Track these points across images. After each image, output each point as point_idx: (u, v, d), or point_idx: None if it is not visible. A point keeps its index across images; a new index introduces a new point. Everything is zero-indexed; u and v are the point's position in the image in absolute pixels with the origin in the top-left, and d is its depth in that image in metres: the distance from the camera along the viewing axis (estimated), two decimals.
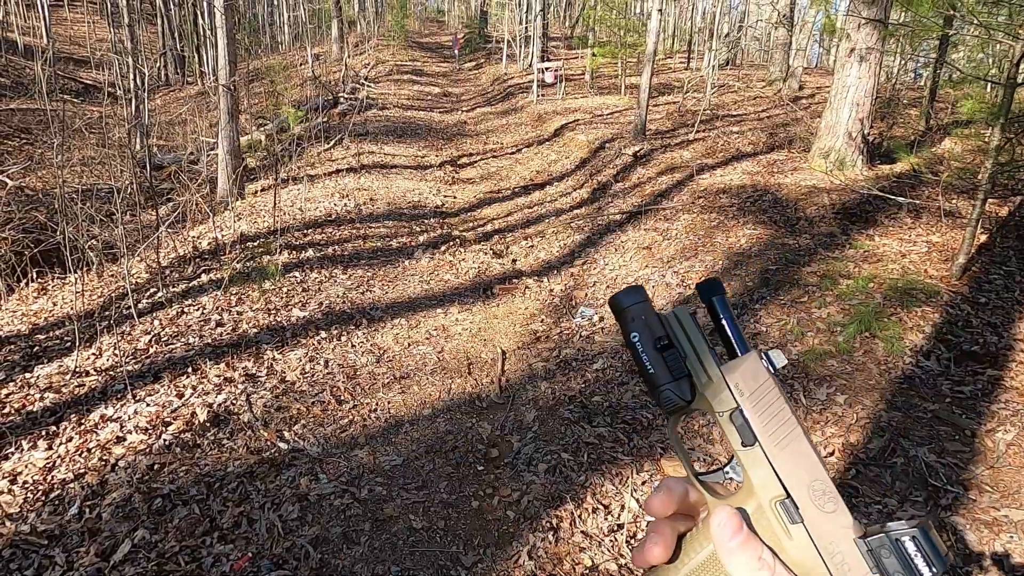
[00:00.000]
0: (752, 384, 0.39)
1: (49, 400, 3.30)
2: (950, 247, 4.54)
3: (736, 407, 0.39)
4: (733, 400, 0.39)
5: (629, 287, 0.43)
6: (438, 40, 29.45)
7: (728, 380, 0.39)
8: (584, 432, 3.16)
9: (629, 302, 0.42)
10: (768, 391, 0.38)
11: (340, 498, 2.69)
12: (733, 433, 0.39)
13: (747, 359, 0.39)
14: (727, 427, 0.39)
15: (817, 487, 0.36)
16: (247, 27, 18.98)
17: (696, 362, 0.41)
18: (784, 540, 0.36)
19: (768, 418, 0.38)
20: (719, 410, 0.39)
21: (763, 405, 0.38)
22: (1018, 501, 2.42)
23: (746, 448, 0.38)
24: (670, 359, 0.40)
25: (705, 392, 0.40)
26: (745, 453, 0.38)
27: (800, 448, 0.37)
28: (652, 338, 0.41)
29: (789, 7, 12.48)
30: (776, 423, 0.37)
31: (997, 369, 3.24)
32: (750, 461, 0.38)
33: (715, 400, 0.39)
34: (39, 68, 5.53)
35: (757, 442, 0.38)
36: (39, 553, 2.31)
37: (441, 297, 5.01)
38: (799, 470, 0.36)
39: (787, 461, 0.37)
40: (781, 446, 0.37)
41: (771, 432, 0.37)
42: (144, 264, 5.11)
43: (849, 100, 6.35)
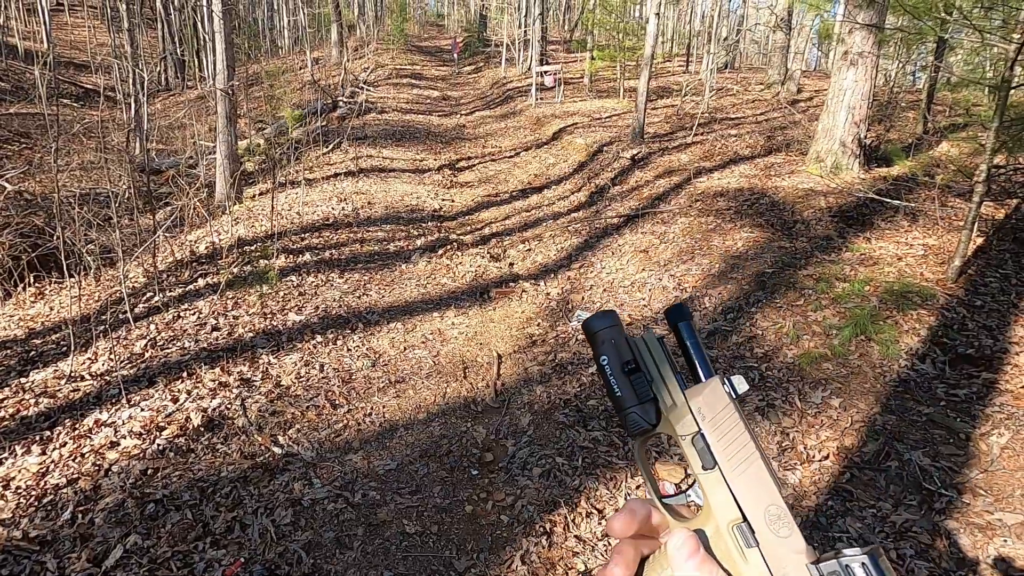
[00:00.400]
0: (713, 409, 0.39)
1: (44, 405, 3.30)
2: (946, 250, 4.53)
3: (698, 431, 0.39)
4: (695, 424, 0.40)
5: (602, 311, 0.44)
6: (437, 44, 29.53)
7: (691, 404, 0.40)
8: (579, 436, 3.16)
9: (600, 326, 0.43)
10: (728, 416, 0.39)
11: (333, 503, 2.69)
12: (695, 456, 0.39)
13: (709, 384, 0.40)
14: (689, 451, 0.40)
15: (773, 512, 0.37)
16: (247, 31, 19.05)
17: (661, 386, 0.42)
18: (740, 564, 0.37)
19: (728, 443, 0.38)
20: (682, 434, 0.40)
21: (723, 430, 0.39)
22: (1012, 505, 2.41)
23: (706, 472, 0.39)
24: (637, 383, 0.41)
25: (669, 416, 0.41)
26: (705, 476, 0.39)
27: (758, 473, 0.37)
28: (620, 361, 0.42)
29: (787, 11, 12.51)
30: (735, 448, 0.38)
31: (992, 372, 3.24)
32: (710, 484, 0.39)
33: (678, 424, 0.40)
34: (39, 72, 5.55)
35: (716, 466, 0.38)
36: (31, 559, 2.30)
37: (438, 301, 5.01)
38: (756, 495, 0.37)
39: (744, 485, 0.37)
40: (739, 471, 0.38)
41: (730, 456, 0.38)
42: (141, 268, 5.12)
43: (845, 103, 6.37)
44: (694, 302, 4.49)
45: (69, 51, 21.51)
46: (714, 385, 0.40)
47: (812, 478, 2.73)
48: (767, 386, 3.38)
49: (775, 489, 0.37)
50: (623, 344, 0.42)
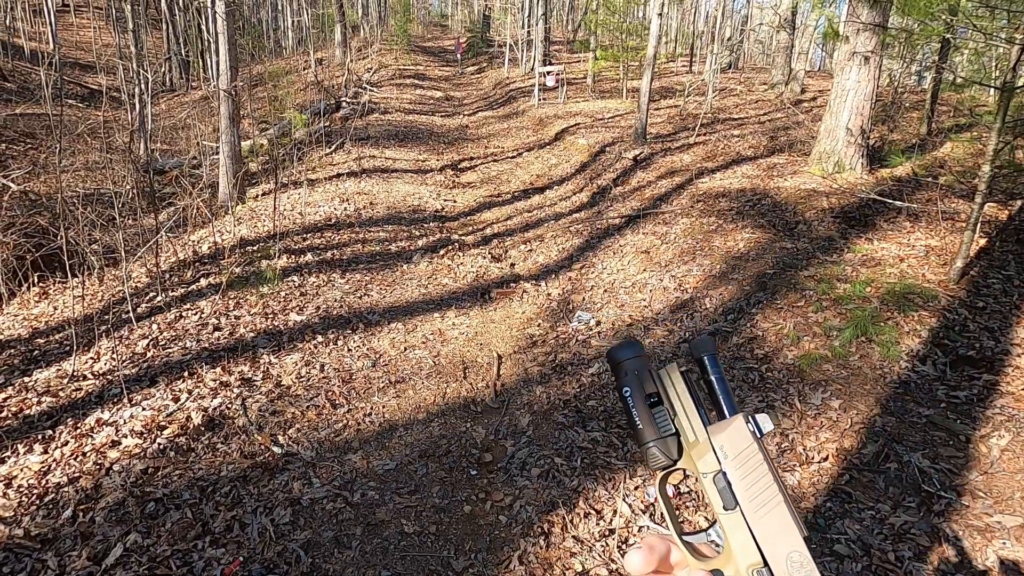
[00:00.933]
0: (737, 448, 0.39)
1: (46, 404, 3.32)
2: (949, 251, 4.52)
3: (720, 469, 0.39)
4: (717, 462, 0.39)
5: (627, 341, 0.43)
6: (441, 44, 29.57)
7: (713, 442, 0.39)
8: (578, 437, 3.16)
9: (624, 356, 0.42)
10: (752, 456, 0.38)
11: (332, 502, 2.70)
12: (715, 496, 0.39)
13: (733, 422, 0.40)
14: (710, 489, 0.39)
15: (795, 559, 0.36)
16: (251, 32, 19.11)
17: (684, 421, 0.41)
18: None
19: (750, 483, 0.38)
20: (703, 471, 0.39)
21: (746, 470, 0.38)
22: (1012, 507, 2.40)
23: (727, 512, 0.38)
24: (659, 416, 0.41)
25: (691, 452, 0.40)
26: (726, 517, 0.38)
27: (781, 517, 0.37)
28: (643, 394, 0.41)
29: (791, 11, 12.47)
30: (758, 489, 0.37)
31: (993, 374, 3.22)
32: (731, 525, 0.38)
33: (700, 461, 0.40)
34: (44, 73, 5.58)
35: (738, 507, 0.38)
36: (32, 557, 2.32)
37: (439, 301, 5.02)
38: (778, 539, 0.36)
39: (767, 529, 0.37)
40: (761, 513, 0.37)
41: (752, 498, 0.37)
42: (144, 268, 5.14)
43: (848, 104, 6.34)
44: (695, 302, 4.48)
45: (74, 52, 21.63)
46: (738, 423, 0.39)
47: (811, 479, 2.73)
48: (767, 387, 3.37)
49: (798, 535, 0.36)
50: (647, 376, 0.41)
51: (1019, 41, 3.78)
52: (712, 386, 0.42)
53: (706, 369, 0.43)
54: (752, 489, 0.37)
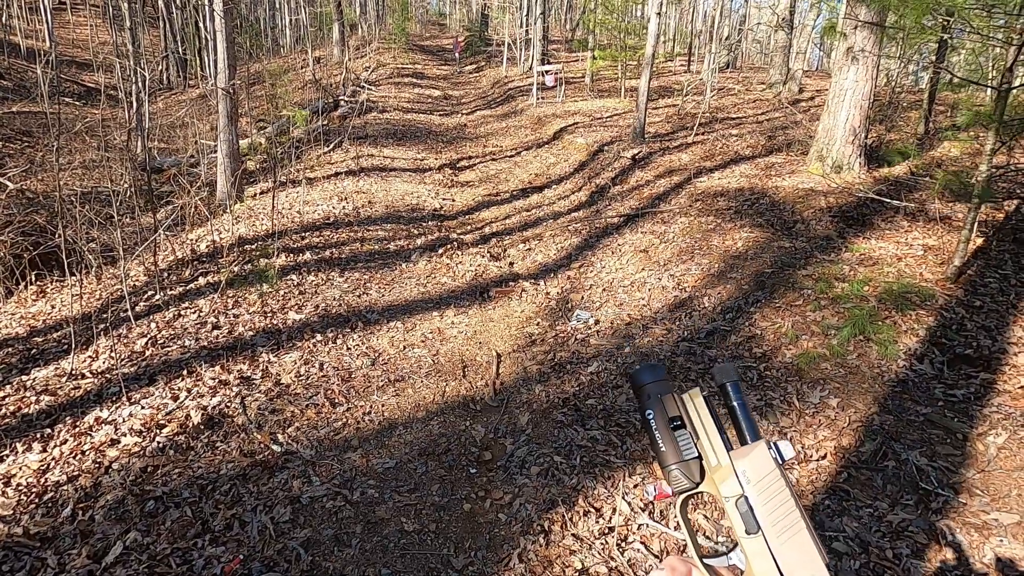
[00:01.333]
0: (759, 473, 0.39)
1: (45, 403, 3.32)
2: (946, 250, 4.53)
3: (742, 494, 0.39)
4: (739, 487, 0.40)
5: (649, 364, 0.44)
6: (439, 43, 29.54)
7: (736, 467, 0.40)
8: (577, 435, 3.17)
9: (647, 380, 0.43)
10: (774, 482, 0.39)
11: (332, 500, 2.70)
12: (738, 520, 0.39)
13: (756, 448, 0.40)
14: (732, 513, 0.39)
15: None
16: (249, 30, 19.06)
17: (707, 445, 0.42)
18: None
19: (772, 509, 0.38)
20: (725, 495, 0.40)
21: (768, 495, 0.39)
22: (1008, 505, 2.42)
23: (749, 536, 0.38)
24: (681, 440, 0.41)
25: (713, 476, 0.41)
26: (748, 541, 0.38)
27: (803, 543, 0.37)
28: (666, 417, 0.42)
29: (789, 10, 12.50)
30: (780, 515, 0.38)
31: (990, 373, 3.24)
32: (752, 550, 0.38)
33: (722, 485, 0.40)
34: (41, 71, 5.56)
35: (760, 531, 0.38)
36: (31, 555, 2.32)
37: (437, 300, 5.02)
38: (801, 565, 0.36)
39: (789, 554, 0.37)
40: (783, 539, 0.37)
41: (775, 523, 0.38)
42: (142, 267, 5.13)
43: (846, 103, 6.36)
44: (693, 301, 4.49)
45: (71, 50, 21.55)
46: (760, 449, 0.40)
47: (809, 477, 2.74)
48: (765, 386, 3.38)
49: (820, 561, 0.36)
50: (670, 399, 0.42)
51: (1016, 41, 3.79)
52: (735, 412, 0.43)
53: (729, 396, 0.43)
54: (775, 515, 0.38)
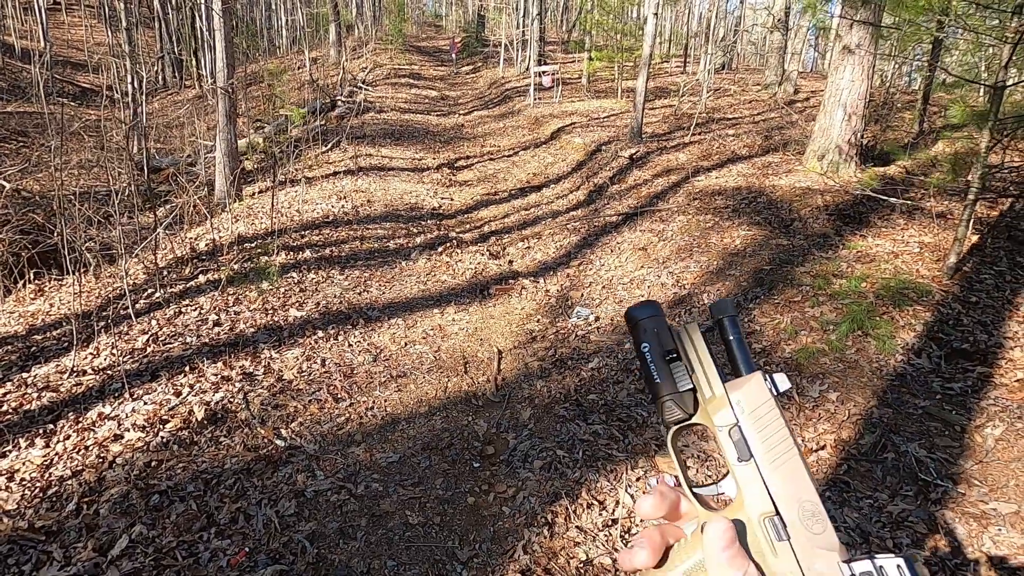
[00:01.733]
0: (754, 403, 0.40)
1: (47, 399, 3.31)
2: (942, 247, 4.58)
3: (735, 423, 0.40)
4: (733, 416, 0.40)
5: (645, 301, 0.44)
6: (436, 44, 29.56)
7: (731, 397, 0.40)
8: (579, 429, 3.19)
9: (643, 315, 0.43)
10: (769, 411, 0.39)
11: (337, 494, 2.71)
12: (730, 448, 0.39)
13: (752, 379, 0.41)
14: (725, 442, 0.40)
15: (808, 508, 0.37)
16: (245, 31, 19.04)
17: (702, 376, 0.42)
18: (769, 556, 0.37)
19: (766, 437, 0.38)
20: (719, 424, 0.40)
21: (762, 424, 0.39)
22: (1006, 495, 2.45)
23: (741, 463, 0.39)
24: (677, 371, 0.42)
25: (707, 406, 0.41)
26: (740, 468, 0.39)
27: (794, 469, 0.37)
28: (662, 350, 0.42)
29: (784, 11, 12.57)
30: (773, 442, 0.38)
31: (987, 366, 3.28)
32: (744, 476, 0.39)
33: (716, 415, 0.40)
34: (36, 71, 5.56)
35: (753, 459, 0.38)
36: (37, 549, 2.32)
37: (438, 298, 5.03)
38: (791, 490, 0.37)
39: (780, 480, 0.37)
40: (776, 465, 0.38)
41: (767, 450, 0.38)
42: (142, 265, 5.13)
43: (842, 103, 6.42)
44: (692, 298, 4.52)
45: (66, 50, 21.47)
46: (757, 379, 0.40)
47: (810, 470, 2.76)
48: None
49: (811, 485, 0.37)
50: (665, 333, 0.42)
51: (1010, 40, 3.84)
52: (731, 345, 0.43)
53: (725, 330, 0.44)
54: (768, 442, 0.38)
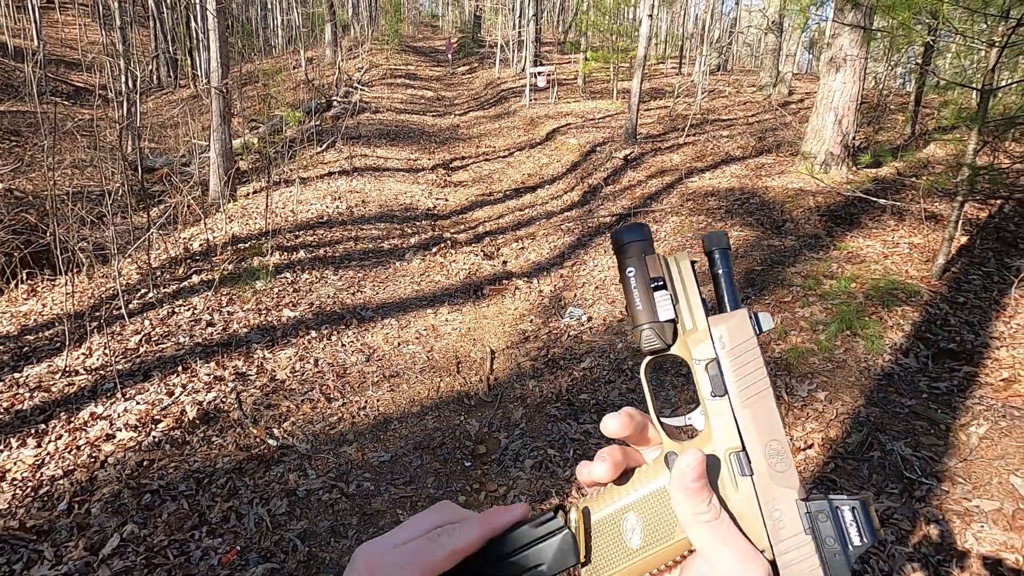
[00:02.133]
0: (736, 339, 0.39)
1: (39, 399, 3.32)
2: (931, 248, 4.63)
3: (714, 358, 0.39)
4: (713, 351, 0.39)
5: (633, 223, 0.43)
6: (432, 44, 29.56)
7: (713, 331, 0.40)
8: (570, 429, 3.21)
9: (630, 238, 0.42)
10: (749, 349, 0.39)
11: (328, 493, 2.73)
12: (705, 381, 0.39)
13: (736, 315, 0.40)
14: (700, 375, 0.39)
15: (774, 447, 0.37)
16: (241, 30, 19.01)
17: (685, 308, 0.41)
18: (730, 490, 0.37)
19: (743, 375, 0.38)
20: (697, 358, 0.39)
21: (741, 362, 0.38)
22: (989, 492, 2.49)
23: (715, 398, 0.39)
24: (660, 300, 0.40)
25: (687, 339, 0.40)
26: (713, 402, 0.39)
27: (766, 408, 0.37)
28: (647, 277, 0.41)
29: (779, 14, 12.65)
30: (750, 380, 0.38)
31: (973, 366, 3.32)
32: (715, 410, 0.38)
33: (695, 348, 0.40)
34: (29, 70, 5.54)
35: (727, 394, 0.38)
36: (28, 548, 2.33)
37: (431, 298, 5.05)
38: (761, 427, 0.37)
39: (751, 417, 0.38)
40: (748, 403, 0.38)
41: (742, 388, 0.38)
42: (135, 265, 5.13)
43: (834, 105, 6.47)
44: None
45: (60, 49, 21.38)
46: (741, 315, 0.39)
47: (798, 468, 2.79)
48: None
49: (780, 425, 0.37)
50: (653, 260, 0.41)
51: (997, 44, 3.89)
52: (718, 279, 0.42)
53: (715, 263, 0.42)
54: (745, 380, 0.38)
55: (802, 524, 0.35)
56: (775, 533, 0.35)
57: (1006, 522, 2.34)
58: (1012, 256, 4.44)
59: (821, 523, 0.34)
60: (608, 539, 0.39)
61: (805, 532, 0.34)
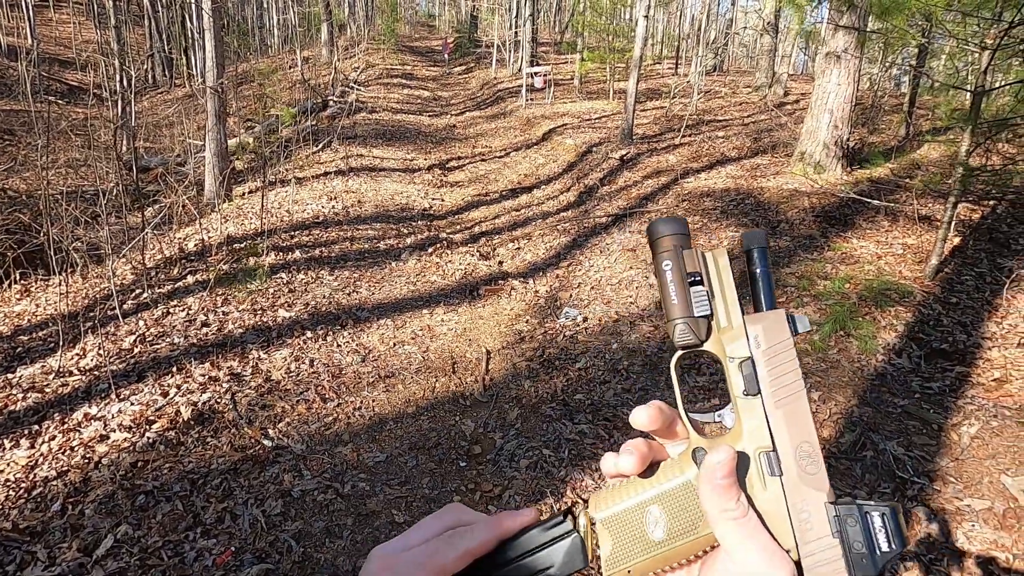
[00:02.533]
0: (772, 339, 0.39)
1: (32, 400, 3.30)
2: (924, 249, 4.66)
3: (748, 357, 0.39)
4: (748, 349, 0.39)
5: (672, 217, 0.43)
6: (428, 44, 29.54)
7: (749, 330, 0.39)
8: (565, 429, 3.22)
9: (668, 231, 0.42)
10: (785, 350, 0.38)
11: (323, 493, 2.72)
12: (739, 380, 0.39)
13: (774, 315, 0.40)
14: (734, 373, 0.39)
15: (805, 449, 0.37)
16: (236, 30, 18.95)
17: (721, 305, 0.41)
18: (758, 489, 0.37)
19: (777, 375, 0.38)
20: (731, 356, 0.39)
21: (776, 362, 0.38)
22: (980, 491, 2.51)
23: (747, 397, 0.38)
24: (696, 295, 0.40)
25: (721, 336, 0.40)
26: (745, 401, 0.38)
27: (799, 410, 0.37)
28: (684, 271, 0.40)
29: (774, 15, 12.69)
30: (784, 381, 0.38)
31: (965, 366, 3.34)
32: (747, 409, 0.38)
33: (730, 346, 0.40)
34: (23, 69, 5.52)
35: (760, 394, 0.38)
36: (21, 549, 2.32)
37: (427, 298, 5.05)
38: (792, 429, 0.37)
39: (783, 418, 0.37)
40: (781, 404, 0.38)
41: (776, 388, 0.38)
42: (130, 265, 5.11)
43: (829, 106, 6.50)
44: None
45: (54, 47, 21.26)
46: (779, 316, 0.39)
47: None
48: None
49: (812, 429, 0.37)
50: (690, 253, 0.41)
51: (989, 47, 3.92)
52: (755, 278, 0.42)
53: (754, 261, 0.42)
54: (779, 380, 0.38)
55: (830, 527, 0.35)
56: (802, 534, 0.35)
57: (997, 521, 2.36)
58: (1004, 257, 4.47)
59: (849, 527, 0.34)
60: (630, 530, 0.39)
61: (833, 535, 0.34)
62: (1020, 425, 2.81)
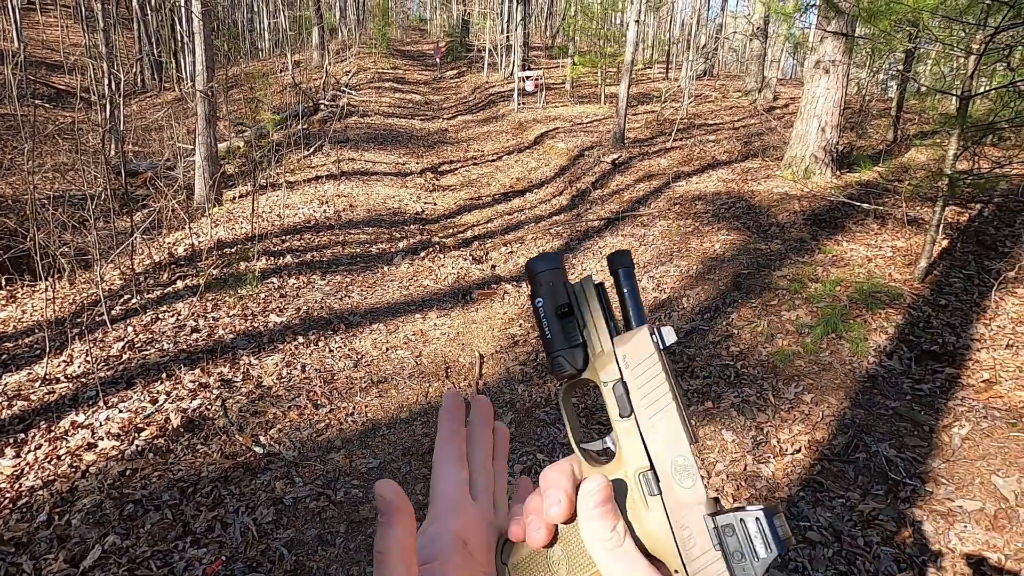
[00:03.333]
0: (637, 357, 0.39)
1: (17, 408, 3.25)
2: (913, 252, 4.70)
3: (620, 378, 0.39)
4: (619, 371, 0.39)
5: (545, 253, 0.43)
6: (420, 48, 29.54)
7: (617, 352, 0.40)
8: (559, 433, 3.21)
9: (540, 268, 0.42)
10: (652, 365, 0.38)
11: (316, 501, 2.70)
12: (613, 404, 0.39)
13: (638, 332, 0.40)
14: (609, 398, 0.39)
15: (679, 462, 0.36)
16: (226, 33, 18.86)
17: (592, 332, 0.41)
18: (642, 512, 0.37)
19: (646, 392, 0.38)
20: (604, 380, 0.40)
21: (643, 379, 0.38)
22: (972, 492, 2.52)
23: (623, 419, 0.38)
24: (568, 327, 0.41)
25: (596, 362, 0.40)
26: (621, 424, 0.38)
27: (669, 422, 0.37)
28: (555, 305, 0.41)
29: (764, 20, 12.81)
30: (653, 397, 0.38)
31: (955, 368, 3.37)
32: (624, 432, 0.38)
33: (603, 371, 0.40)
34: (10, 72, 5.45)
35: (633, 414, 0.38)
36: (5, 560, 2.27)
37: (420, 302, 5.03)
38: (665, 444, 0.37)
39: (656, 434, 0.37)
40: (654, 420, 0.37)
41: (646, 406, 0.38)
42: (118, 271, 5.05)
43: (818, 110, 6.56)
44: (673, 303, 4.58)
45: (41, 51, 21.05)
46: (642, 334, 0.39)
47: (785, 470, 2.82)
48: (742, 383, 3.47)
49: (685, 440, 0.36)
50: (560, 288, 0.41)
51: (975, 52, 3.97)
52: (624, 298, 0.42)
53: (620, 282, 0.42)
54: (647, 397, 0.37)
55: (711, 540, 0.34)
56: (687, 552, 0.35)
57: (988, 522, 2.38)
58: (992, 259, 4.52)
59: (728, 537, 0.33)
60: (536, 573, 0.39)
61: (715, 548, 0.34)
62: (1010, 426, 2.84)
